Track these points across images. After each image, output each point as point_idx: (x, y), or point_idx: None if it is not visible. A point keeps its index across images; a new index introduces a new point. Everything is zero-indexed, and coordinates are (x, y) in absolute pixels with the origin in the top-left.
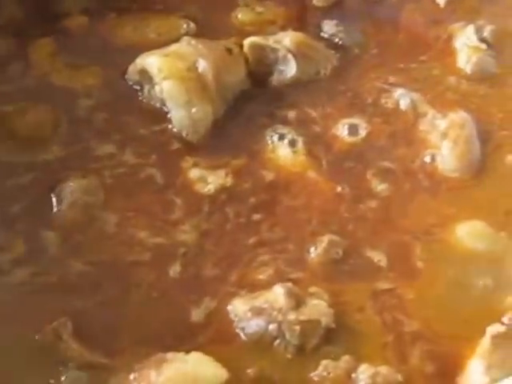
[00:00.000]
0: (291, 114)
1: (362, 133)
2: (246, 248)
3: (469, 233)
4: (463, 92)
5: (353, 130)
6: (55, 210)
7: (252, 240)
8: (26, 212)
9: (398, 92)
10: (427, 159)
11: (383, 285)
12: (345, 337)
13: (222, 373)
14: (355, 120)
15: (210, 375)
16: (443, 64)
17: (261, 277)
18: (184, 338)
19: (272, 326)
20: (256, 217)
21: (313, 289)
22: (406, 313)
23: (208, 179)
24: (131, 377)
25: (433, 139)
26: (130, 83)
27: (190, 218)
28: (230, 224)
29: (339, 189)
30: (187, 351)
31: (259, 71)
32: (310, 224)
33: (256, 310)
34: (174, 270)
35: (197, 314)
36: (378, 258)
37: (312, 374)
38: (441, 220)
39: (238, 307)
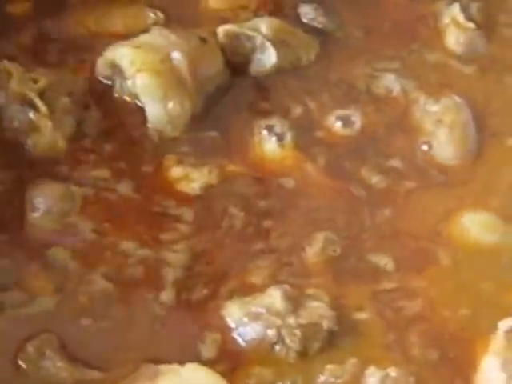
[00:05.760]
0: (276, 106)
1: (355, 124)
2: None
3: (475, 223)
4: (453, 75)
5: (345, 120)
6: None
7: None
8: None
9: (387, 78)
10: (424, 147)
11: (387, 283)
12: (349, 339)
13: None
14: (346, 110)
15: None
16: (430, 46)
17: (254, 280)
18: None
19: (271, 332)
20: (246, 216)
21: (311, 290)
22: (411, 308)
23: (192, 177)
24: None
25: (427, 126)
26: (100, 78)
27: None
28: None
29: (332, 185)
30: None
31: (237, 61)
32: (302, 222)
33: (252, 315)
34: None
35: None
36: (381, 256)
37: (318, 380)
38: (445, 212)
39: (233, 313)
